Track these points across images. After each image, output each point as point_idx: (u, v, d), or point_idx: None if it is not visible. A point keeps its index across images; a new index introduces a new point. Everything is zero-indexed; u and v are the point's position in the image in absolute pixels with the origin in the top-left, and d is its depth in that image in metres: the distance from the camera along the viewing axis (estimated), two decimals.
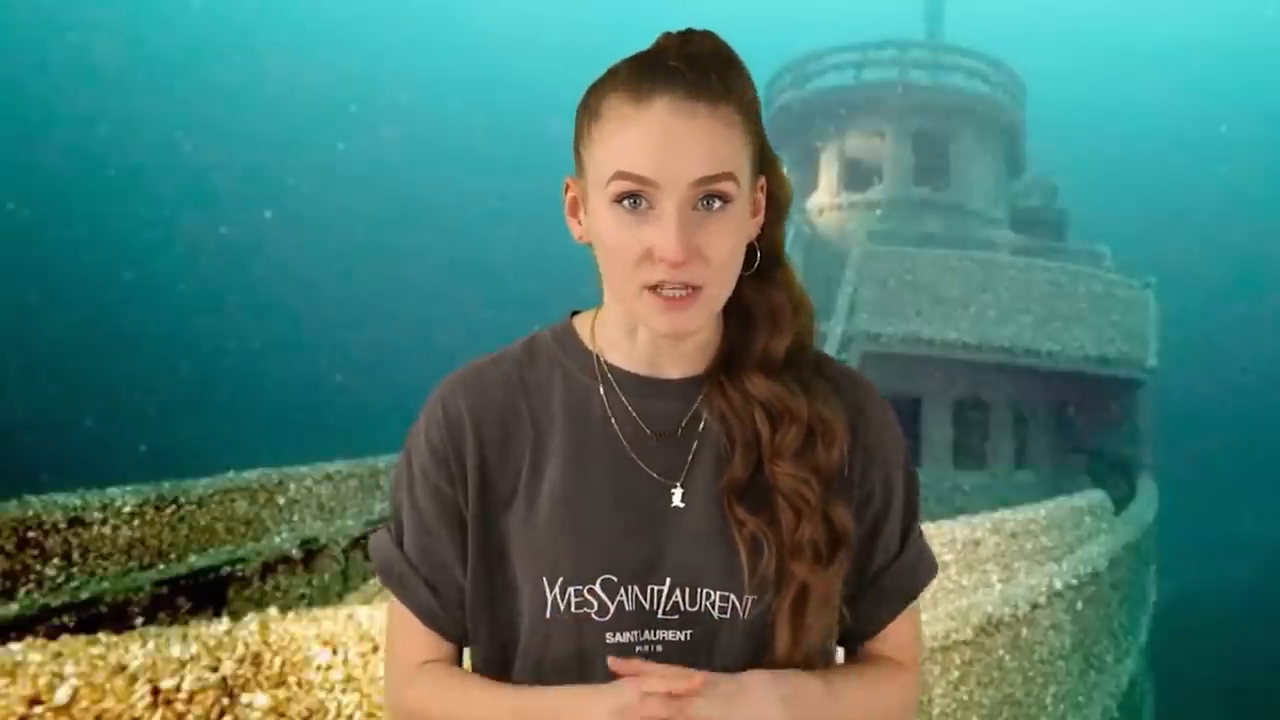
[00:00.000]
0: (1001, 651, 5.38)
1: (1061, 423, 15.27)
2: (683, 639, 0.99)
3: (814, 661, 1.01)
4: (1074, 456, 15.13)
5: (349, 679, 2.78)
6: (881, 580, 1.08)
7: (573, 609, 0.99)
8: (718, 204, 0.94)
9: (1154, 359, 14.33)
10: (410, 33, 43.98)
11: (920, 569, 1.11)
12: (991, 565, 6.17)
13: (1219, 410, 34.88)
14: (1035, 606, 5.76)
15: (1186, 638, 16.69)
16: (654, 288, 0.94)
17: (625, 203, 0.94)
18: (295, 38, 40.16)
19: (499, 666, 1.04)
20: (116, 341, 28.75)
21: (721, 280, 0.96)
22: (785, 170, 1.07)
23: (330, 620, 2.84)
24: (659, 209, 0.93)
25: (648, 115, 0.93)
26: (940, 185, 16.31)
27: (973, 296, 13.11)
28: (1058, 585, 6.14)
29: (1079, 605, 6.56)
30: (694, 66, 0.95)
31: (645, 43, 1.04)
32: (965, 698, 5.04)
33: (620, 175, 0.94)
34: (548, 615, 1.00)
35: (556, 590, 0.99)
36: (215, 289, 32.90)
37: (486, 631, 1.05)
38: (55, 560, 5.61)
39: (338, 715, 2.75)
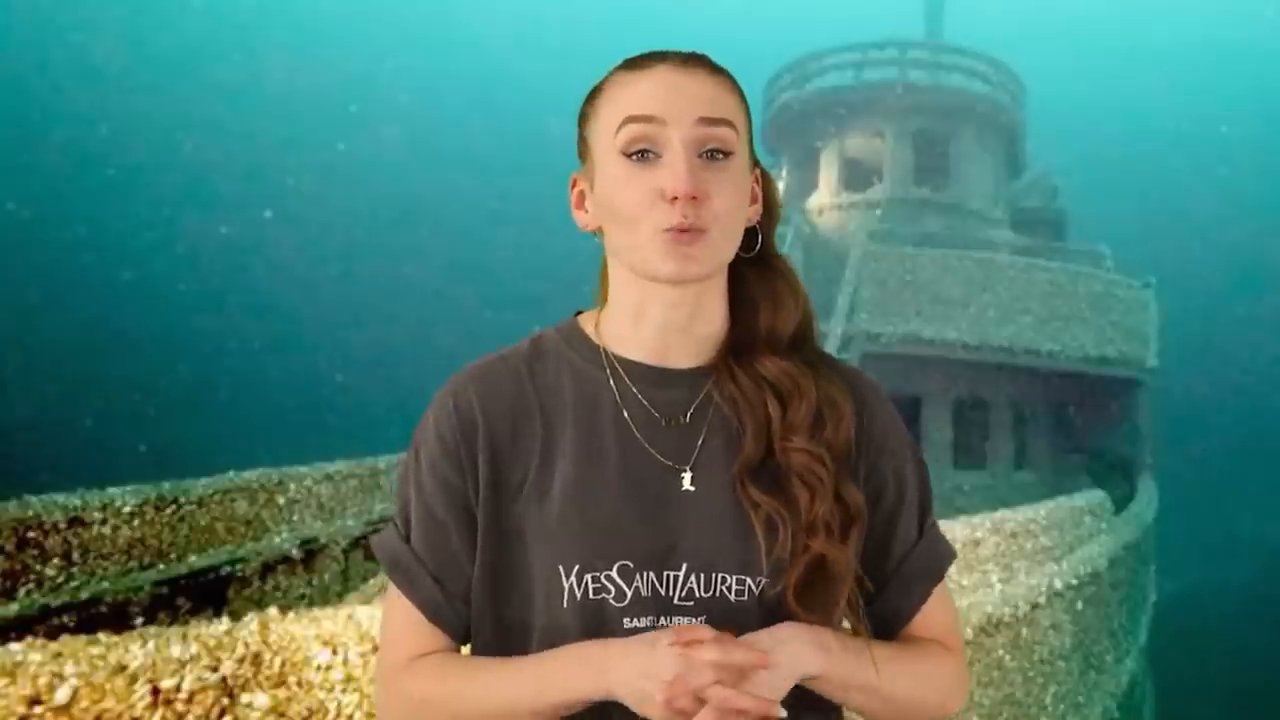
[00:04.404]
0: (1001, 651, 5.38)
1: (1061, 423, 15.26)
2: (698, 624, 0.99)
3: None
4: (1074, 456, 15.11)
5: (349, 679, 2.78)
6: (904, 568, 1.09)
7: (590, 595, 0.99)
8: (721, 156, 1.00)
9: (1154, 359, 14.32)
10: (410, 33, 44.01)
11: (941, 551, 1.12)
12: (991, 565, 6.17)
13: (1219, 410, 34.89)
14: (1035, 606, 5.76)
15: (1186, 638, 16.70)
16: (666, 230, 0.98)
17: (634, 155, 0.99)
18: (295, 38, 40.18)
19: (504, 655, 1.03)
20: (116, 341, 28.77)
21: (726, 229, 1.00)
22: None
23: (330, 620, 2.84)
24: (667, 154, 0.98)
25: (649, 73, 1.01)
26: (940, 185, 16.30)
27: (973, 296, 13.09)
28: (1058, 585, 6.13)
29: (1079, 605, 6.56)
30: (690, 52, 1.05)
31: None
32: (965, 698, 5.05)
33: (629, 119, 0.99)
34: (564, 604, 0.99)
35: (573, 578, 0.99)
36: (215, 289, 32.93)
37: (493, 621, 1.04)
38: (55, 560, 5.61)
39: (338, 715, 2.75)
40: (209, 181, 34.53)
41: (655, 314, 1.05)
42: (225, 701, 2.56)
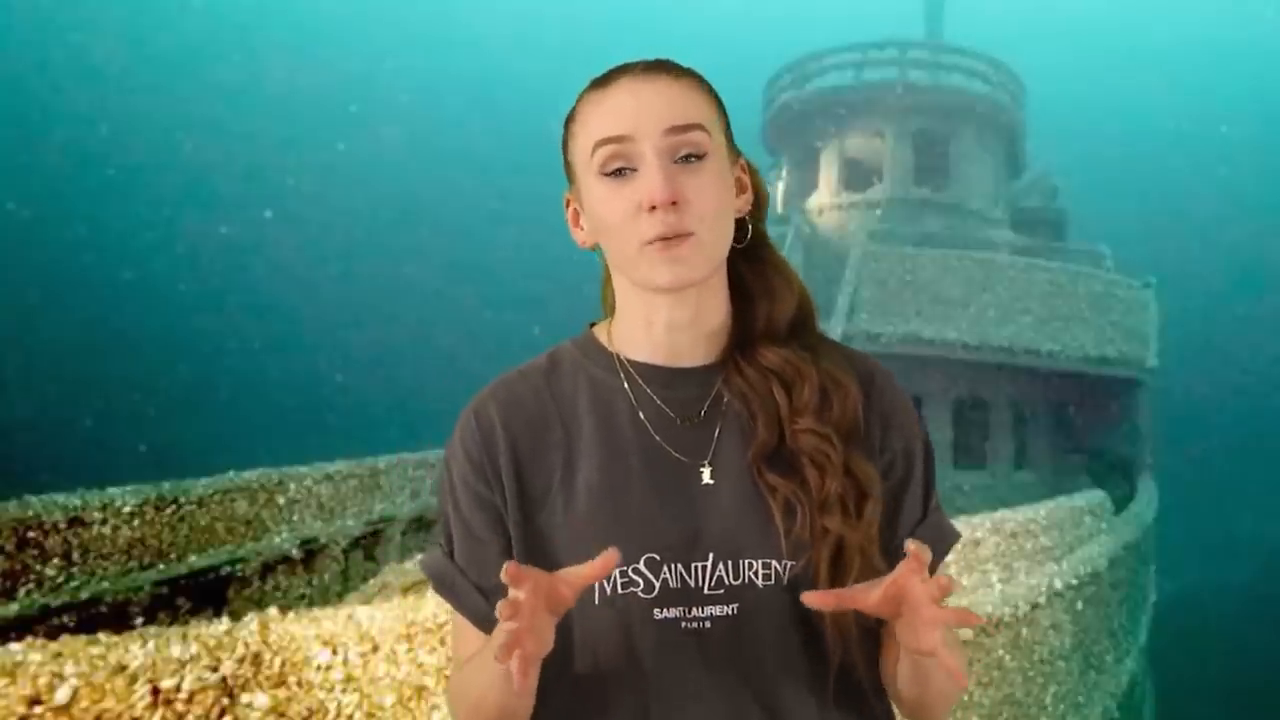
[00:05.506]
0: (1001, 651, 5.38)
1: (1061, 423, 15.26)
2: (729, 613, 1.02)
3: (860, 620, 1.03)
4: (1074, 456, 15.11)
5: (349, 679, 2.79)
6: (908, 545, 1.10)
7: (619, 590, 1.02)
8: (695, 159, 1.02)
9: (1154, 359, 14.31)
10: (410, 33, 43.99)
11: (945, 531, 1.14)
12: (991, 565, 6.17)
13: (1219, 410, 34.88)
14: (1035, 606, 5.75)
15: (1186, 638, 16.69)
16: (652, 241, 1.00)
17: (612, 174, 1.02)
18: (295, 38, 40.17)
19: (558, 658, 1.03)
20: (116, 341, 28.76)
21: (713, 228, 1.02)
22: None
23: (330, 620, 2.84)
24: (642, 166, 1.00)
25: (614, 90, 1.04)
26: (940, 185, 16.29)
27: (973, 296, 13.10)
28: (1058, 585, 6.13)
29: (1079, 605, 6.55)
30: (652, 61, 1.06)
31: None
32: (965, 698, 5.04)
33: (600, 143, 1.02)
34: (595, 601, 1.02)
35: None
36: (215, 289, 32.92)
37: None
38: (55, 560, 5.61)
39: (338, 715, 2.75)
40: (209, 181, 34.52)
41: (661, 317, 1.08)
42: (225, 701, 2.56)
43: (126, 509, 6.06)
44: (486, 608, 1.08)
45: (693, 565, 1.02)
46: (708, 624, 1.01)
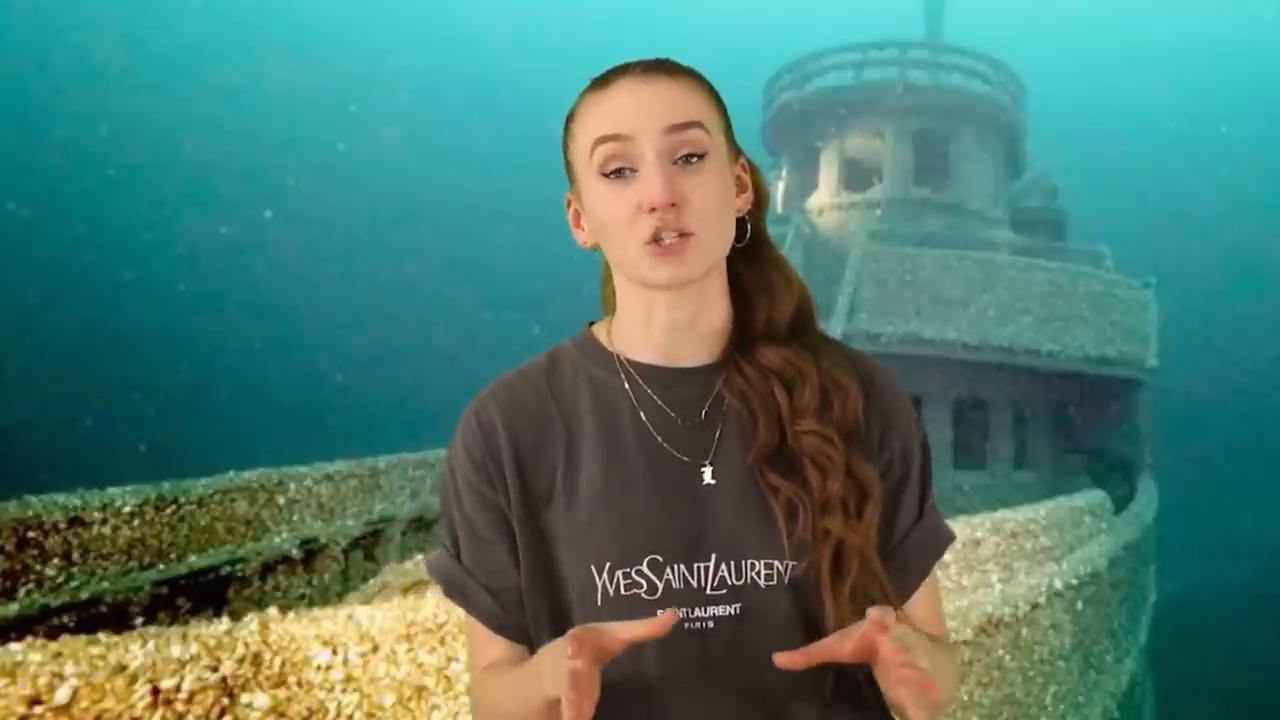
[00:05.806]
0: (1001, 651, 5.37)
1: (1061, 423, 15.26)
2: (733, 613, 1.02)
3: (859, 619, 1.02)
4: (1074, 456, 15.12)
5: (349, 679, 2.79)
6: (905, 546, 1.11)
7: (622, 591, 1.02)
8: (695, 159, 1.01)
9: (1154, 359, 14.31)
10: (410, 33, 44.00)
11: (941, 531, 1.14)
12: (991, 565, 6.17)
13: (1219, 410, 34.89)
14: (1035, 606, 5.75)
15: (1186, 638, 16.70)
16: (651, 242, 1.00)
17: (611, 175, 1.02)
18: (295, 38, 40.17)
19: None
20: (116, 341, 28.76)
21: (712, 228, 1.02)
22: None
23: (330, 620, 2.84)
24: (642, 167, 1.00)
25: (613, 90, 1.03)
26: (940, 185, 16.30)
27: (973, 296, 13.10)
28: (1058, 585, 6.13)
29: (1079, 605, 6.55)
30: (651, 60, 1.06)
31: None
32: (965, 698, 5.04)
33: (599, 141, 1.02)
34: (599, 602, 1.02)
35: (605, 576, 1.02)
36: (215, 289, 32.92)
37: (545, 623, 1.07)
38: (55, 560, 5.61)
39: (338, 715, 2.75)
40: (209, 181, 34.52)
41: (661, 316, 1.08)
42: (225, 701, 2.56)
43: (126, 509, 6.07)
44: (497, 609, 1.08)
45: (695, 566, 1.02)
46: (711, 624, 1.01)
